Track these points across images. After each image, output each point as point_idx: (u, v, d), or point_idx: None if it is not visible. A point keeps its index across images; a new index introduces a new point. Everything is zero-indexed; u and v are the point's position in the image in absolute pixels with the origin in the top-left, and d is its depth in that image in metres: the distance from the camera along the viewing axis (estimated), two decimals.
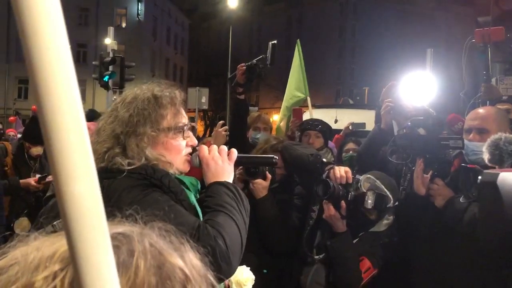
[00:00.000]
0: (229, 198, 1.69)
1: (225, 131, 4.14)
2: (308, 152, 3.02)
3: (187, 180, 1.82)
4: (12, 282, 0.53)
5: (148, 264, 0.56)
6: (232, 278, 2.10)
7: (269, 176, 3.04)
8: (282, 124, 5.90)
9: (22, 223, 4.25)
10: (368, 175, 2.78)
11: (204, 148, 1.82)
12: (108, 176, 1.62)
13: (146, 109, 1.70)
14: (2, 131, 6.29)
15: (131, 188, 1.58)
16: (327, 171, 2.79)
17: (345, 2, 53.96)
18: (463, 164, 2.78)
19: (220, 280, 1.73)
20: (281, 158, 3.26)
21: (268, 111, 36.62)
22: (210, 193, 1.72)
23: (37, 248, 0.57)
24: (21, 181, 4.56)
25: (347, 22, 54.36)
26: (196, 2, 55.22)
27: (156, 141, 1.72)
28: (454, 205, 2.67)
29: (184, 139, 1.79)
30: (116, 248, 0.56)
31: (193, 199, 1.78)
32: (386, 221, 2.84)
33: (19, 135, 7.56)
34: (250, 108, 5.02)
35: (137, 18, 40.30)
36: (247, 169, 2.95)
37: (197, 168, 1.89)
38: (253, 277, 2.21)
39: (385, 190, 2.71)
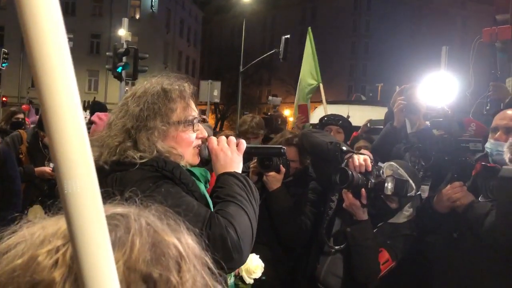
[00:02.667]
0: (239, 188, 1.71)
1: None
2: (327, 140, 3.01)
3: (197, 171, 1.85)
4: (19, 256, 0.58)
5: (143, 240, 0.60)
6: (242, 266, 2.13)
7: (283, 169, 3.04)
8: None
9: (36, 210, 4.31)
10: (391, 162, 2.75)
11: (213, 139, 1.85)
12: (120, 168, 1.65)
13: (156, 103, 1.72)
14: (23, 121, 6.33)
15: (143, 180, 1.61)
16: (346, 160, 2.75)
17: None
18: (483, 163, 2.75)
19: (230, 270, 1.76)
20: (297, 151, 3.28)
21: (279, 105, 36.53)
22: (220, 183, 1.75)
23: (42, 227, 0.62)
24: (36, 169, 4.62)
25: (360, 17, 53.94)
26: None
27: (166, 134, 1.75)
28: (474, 209, 2.63)
29: (194, 131, 1.82)
30: (115, 226, 0.60)
31: (203, 189, 1.81)
32: (406, 213, 2.81)
33: (32, 124, 7.66)
34: (274, 98, 5.12)
35: (151, 10, 40.38)
36: (261, 161, 2.96)
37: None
38: (263, 264, 2.23)
39: (407, 177, 2.67)
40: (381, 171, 2.69)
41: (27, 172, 4.57)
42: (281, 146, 2.10)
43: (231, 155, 1.81)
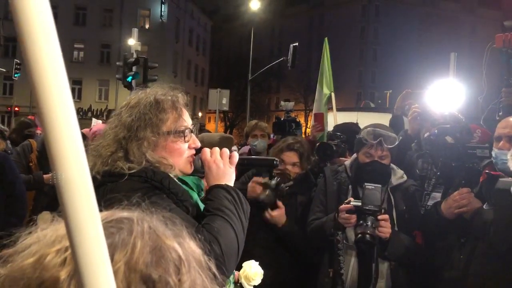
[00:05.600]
0: (228, 202, 1.72)
1: None
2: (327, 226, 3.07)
3: (189, 180, 1.87)
4: (32, 255, 0.63)
5: (144, 243, 0.64)
6: (241, 272, 2.15)
7: (280, 203, 3.10)
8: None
9: (45, 216, 4.35)
10: (370, 128, 3.11)
11: (207, 151, 1.85)
12: (111, 179, 1.67)
13: (147, 113, 1.74)
14: (33, 133, 6.27)
15: (132, 191, 1.59)
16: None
17: (367, 4, 53.53)
18: (487, 171, 2.74)
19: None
20: (297, 156, 3.34)
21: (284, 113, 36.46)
22: (210, 196, 1.76)
23: (55, 229, 0.67)
24: (45, 176, 4.68)
25: (369, 24, 53.91)
26: (219, 4, 55.63)
27: (156, 144, 1.76)
28: (481, 216, 2.63)
29: (185, 142, 1.82)
30: (119, 229, 0.65)
31: (196, 198, 1.83)
32: (399, 173, 3.09)
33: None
34: (287, 103, 5.16)
35: (160, 20, 40.72)
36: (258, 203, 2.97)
37: None
38: (262, 271, 2.24)
39: (388, 132, 3.06)
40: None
41: (36, 179, 4.63)
42: (274, 158, 2.12)
43: (223, 167, 1.82)
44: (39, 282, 0.59)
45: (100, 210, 0.51)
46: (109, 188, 1.64)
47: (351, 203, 2.83)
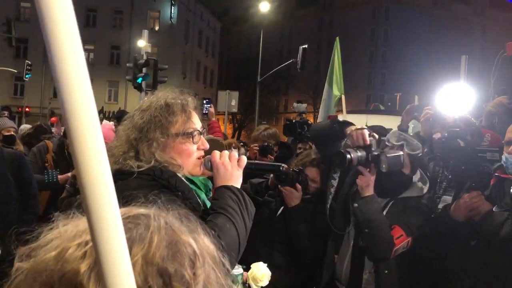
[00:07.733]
0: (232, 202, 1.78)
1: None
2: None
3: (197, 179, 1.94)
4: (54, 248, 0.66)
5: (161, 238, 0.66)
6: (249, 273, 2.19)
7: (298, 187, 3.12)
8: None
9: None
10: (395, 129, 2.83)
11: (216, 153, 1.91)
12: (121, 177, 1.75)
13: (157, 116, 1.83)
14: (47, 138, 6.15)
15: (140, 189, 1.65)
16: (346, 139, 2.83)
17: (377, 6, 53.31)
18: (496, 174, 2.74)
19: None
20: (319, 173, 3.35)
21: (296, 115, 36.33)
22: (216, 196, 1.83)
23: (75, 225, 0.70)
24: (59, 176, 4.77)
25: (378, 26, 53.65)
26: (228, 6, 55.78)
27: (165, 145, 1.85)
28: (492, 218, 2.63)
29: (194, 143, 1.90)
30: (137, 224, 0.68)
31: (204, 197, 1.91)
32: (420, 185, 2.89)
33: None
34: (299, 105, 5.13)
35: (170, 21, 40.91)
36: (277, 175, 3.03)
37: None
38: (270, 273, 2.27)
39: (413, 139, 2.79)
40: (387, 139, 2.76)
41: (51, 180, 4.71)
42: (281, 164, 2.16)
43: (231, 169, 1.87)
44: (61, 274, 0.62)
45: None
46: (120, 185, 1.69)
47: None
